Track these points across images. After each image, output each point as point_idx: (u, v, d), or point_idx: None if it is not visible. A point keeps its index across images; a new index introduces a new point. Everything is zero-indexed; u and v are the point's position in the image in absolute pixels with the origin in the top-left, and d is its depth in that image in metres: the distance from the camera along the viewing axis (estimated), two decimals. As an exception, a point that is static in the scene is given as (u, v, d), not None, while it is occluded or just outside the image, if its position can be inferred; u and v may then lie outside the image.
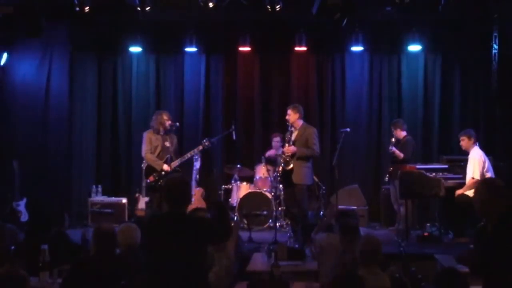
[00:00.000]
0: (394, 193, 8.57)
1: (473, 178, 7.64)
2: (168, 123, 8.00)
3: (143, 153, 8.06)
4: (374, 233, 8.27)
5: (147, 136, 8.03)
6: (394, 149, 8.45)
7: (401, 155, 8.41)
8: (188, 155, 8.16)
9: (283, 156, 7.87)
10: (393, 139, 8.60)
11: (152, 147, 7.98)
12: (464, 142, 7.89)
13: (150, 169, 8.00)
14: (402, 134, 8.70)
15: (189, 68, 10.16)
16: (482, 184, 4.04)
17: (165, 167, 7.89)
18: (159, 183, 7.75)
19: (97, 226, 4.67)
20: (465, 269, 4.13)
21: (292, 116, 7.92)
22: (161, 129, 7.98)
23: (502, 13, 8.90)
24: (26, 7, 8.08)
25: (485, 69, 9.47)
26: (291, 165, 7.79)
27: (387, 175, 8.72)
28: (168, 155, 7.97)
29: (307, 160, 7.84)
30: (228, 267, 4.92)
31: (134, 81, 10.14)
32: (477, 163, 7.67)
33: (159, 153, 7.97)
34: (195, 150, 8.20)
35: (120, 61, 10.17)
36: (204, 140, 8.20)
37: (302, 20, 9.44)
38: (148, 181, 8.00)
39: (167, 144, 7.96)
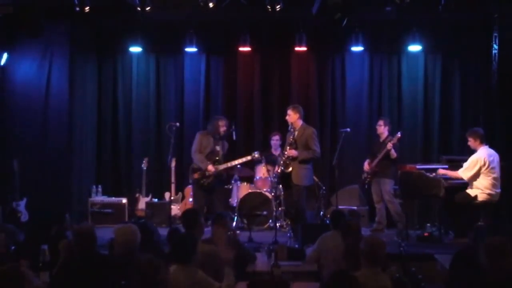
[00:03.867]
0: (378, 192, 8.60)
1: (459, 174, 7.74)
2: (222, 129, 8.26)
3: (192, 152, 8.28)
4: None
5: (199, 137, 8.31)
6: (392, 147, 8.37)
7: (395, 154, 8.36)
8: (234, 162, 8.40)
9: (283, 158, 7.87)
10: (394, 140, 8.50)
11: (202, 147, 8.24)
12: (470, 142, 7.86)
13: (196, 168, 8.26)
14: (385, 133, 8.65)
15: (189, 68, 10.16)
16: (485, 248, 3.91)
17: (210, 167, 8.15)
18: (202, 181, 8.17)
19: (76, 227, 4.69)
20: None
21: (292, 116, 7.93)
22: (216, 134, 8.26)
23: (502, 13, 8.90)
24: (26, 7, 8.07)
25: (485, 69, 9.47)
26: (290, 168, 7.80)
27: (368, 176, 8.64)
28: (217, 158, 8.26)
29: (307, 162, 7.84)
30: None
31: (134, 81, 10.15)
32: (472, 166, 7.66)
33: (207, 155, 8.24)
34: (243, 159, 8.42)
35: (120, 61, 10.18)
36: (255, 152, 8.36)
37: (302, 20, 9.44)
38: (192, 179, 8.32)
39: (218, 148, 8.28)
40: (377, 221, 8.72)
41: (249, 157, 8.34)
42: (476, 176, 7.63)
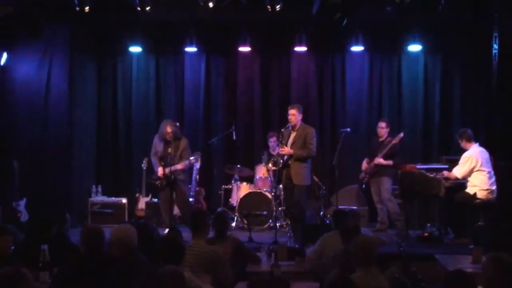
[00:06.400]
0: (378, 192, 8.64)
1: (454, 173, 7.78)
2: (168, 134, 8.08)
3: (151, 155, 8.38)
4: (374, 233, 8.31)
5: (154, 140, 8.34)
6: (382, 160, 8.46)
7: (390, 162, 8.41)
8: (177, 166, 8.09)
9: (274, 155, 7.86)
10: (396, 139, 8.47)
11: (156, 150, 8.24)
12: (461, 144, 7.90)
13: (152, 170, 8.41)
14: (385, 133, 8.68)
15: (189, 68, 10.16)
16: (488, 261, 3.81)
17: (159, 170, 8.10)
18: (157, 183, 8.17)
19: (84, 225, 4.69)
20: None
21: (296, 116, 7.90)
22: (163, 137, 8.18)
23: (502, 13, 8.89)
24: (26, 7, 8.07)
25: (485, 69, 9.47)
26: (276, 167, 7.80)
27: (366, 175, 8.70)
28: (168, 161, 8.05)
29: (305, 161, 7.82)
30: None
31: (134, 81, 10.15)
32: (464, 162, 7.69)
33: (161, 157, 8.20)
34: (183, 164, 8.15)
35: (120, 61, 10.17)
36: (193, 157, 8.23)
37: (302, 20, 9.44)
38: (147, 180, 8.55)
39: (169, 150, 8.09)
40: (380, 221, 8.72)
41: (187, 162, 8.17)
42: (469, 173, 7.65)
